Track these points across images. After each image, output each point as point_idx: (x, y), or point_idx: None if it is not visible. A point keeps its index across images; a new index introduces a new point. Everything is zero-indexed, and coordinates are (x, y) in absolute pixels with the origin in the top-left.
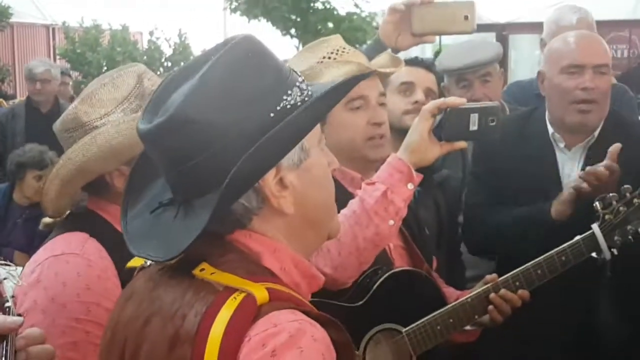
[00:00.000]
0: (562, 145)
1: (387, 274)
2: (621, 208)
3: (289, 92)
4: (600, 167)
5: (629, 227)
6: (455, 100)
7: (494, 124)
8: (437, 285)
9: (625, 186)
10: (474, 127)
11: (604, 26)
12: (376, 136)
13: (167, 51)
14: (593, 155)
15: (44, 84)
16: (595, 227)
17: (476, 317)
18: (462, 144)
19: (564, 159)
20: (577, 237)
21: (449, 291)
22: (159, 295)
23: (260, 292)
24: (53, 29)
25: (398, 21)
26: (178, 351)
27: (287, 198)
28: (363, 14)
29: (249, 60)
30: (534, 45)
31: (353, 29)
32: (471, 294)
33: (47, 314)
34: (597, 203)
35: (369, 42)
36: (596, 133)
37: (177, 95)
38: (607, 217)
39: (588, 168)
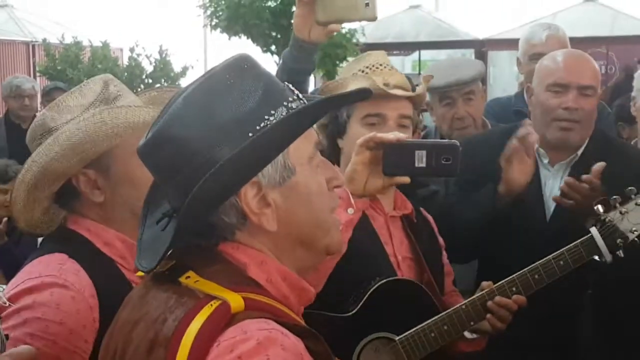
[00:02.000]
0: (545, 161)
1: (378, 284)
2: (623, 210)
3: (272, 111)
4: (579, 182)
5: (633, 228)
6: (386, 136)
7: (448, 162)
8: (430, 294)
9: (630, 188)
10: (420, 163)
11: (581, 42)
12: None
13: (148, 68)
14: (576, 173)
15: (31, 99)
16: (593, 230)
17: (472, 323)
18: (405, 179)
19: (547, 175)
20: (577, 242)
21: (455, 300)
22: (148, 301)
23: (235, 301)
24: (33, 46)
25: (307, 14)
26: (155, 354)
27: (268, 215)
28: (343, 31)
29: (233, 81)
30: (513, 61)
31: (333, 46)
32: (466, 301)
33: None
34: (598, 206)
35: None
36: (580, 151)
37: (167, 113)
38: (607, 219)
39: (567, 179)
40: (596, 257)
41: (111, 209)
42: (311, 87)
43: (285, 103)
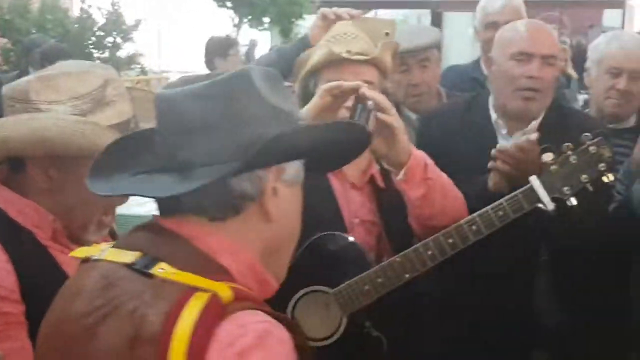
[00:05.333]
0: (504, 132)
1: (311, 239)
2: (572, 158)
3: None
4: (509, 147)
5: (583, 176)
6: (351, 84)
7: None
8: (364, 250)
9: (585, 134)
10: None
11: (535, 7)
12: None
13: (100, 20)
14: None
15: None
16: (533, 178)
17: (406, 275)
18: None
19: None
20: (516, 191)
21: None
22: (115, 295)
23: (225, 292)
24: None
25: (327, 27)
26: (139, 352)
27: (275, 204)
28: None
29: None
30: (469, 23)
31: (290, 3)
32: (400, 254)
33: None
34: (544, 155)
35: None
36: (537, 121)
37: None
38: (552, 168)
39: (498, 146)
40: (540, 206)
41: (50, 197)
42: (267, 45)
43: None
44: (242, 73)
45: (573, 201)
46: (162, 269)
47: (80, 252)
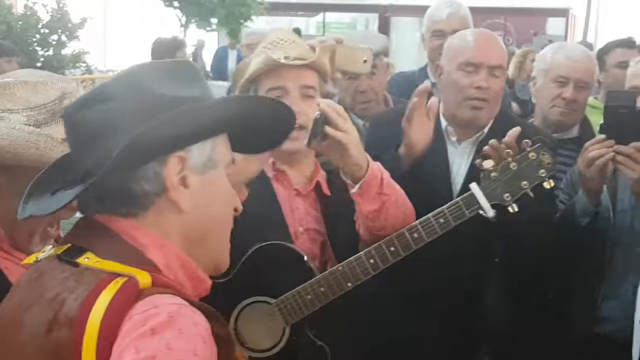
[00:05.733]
0: (453, 139)
1: (252, 249)
2: (512, 164)
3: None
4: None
5: (523, 182)
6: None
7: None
8: (307, 259)
9: (525, 140)
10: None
11: (480, 13)
12: None
13: (44, 17)
14: (482, 151)
15: None
16: (473, 185)
17: (349, 284)
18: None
19: (454, 153)
20: (458, 198)
21: None
22: (42, 284)
23: (143, 277)
24: None
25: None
26: (55, 334)
27: (185, 195)
28: None
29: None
30: (416, 28)
31: (237, 4)
32: (343, 263)
33: None
34: (481, 161)
35: None
36: (486, 129)
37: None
38: (492, 174)
39: (491, 141)
40: (481, 213)
41: None
42: (215, 46)
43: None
44: (128, 72)
45: (515, 207)
46: (87, 258)
47: (30, 258)
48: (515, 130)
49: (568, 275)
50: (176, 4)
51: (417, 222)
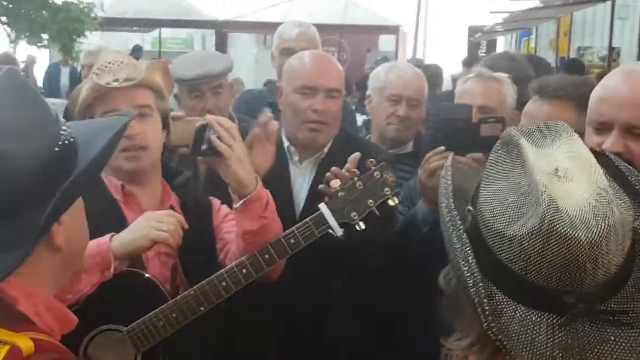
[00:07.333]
0: (296, 158)
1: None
2: (359, 184)
3: (63, 127)
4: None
5: (369, 201)
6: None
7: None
8: (159, 285)
9: (370, 160)
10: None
11: (317, 29)
12: (130, 148)
13: None
14: (323, 171)
15: None
16: (322, 206)
17: (202, 309)
18: None
19: (297, 172)
20: (308, 219)
21: None
22: None
23: (25, 343)
24: None
25: None
26: None
27: (60, 233)
28: (81, 5)
29: (24, 91)
30: (253, 44)
31: (71, 20)
32: (195, 287)
33: None
34: (332, 182)
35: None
36: (326, 149)
37: None
38: (340, 194)
39: (333, 168)
40: (331, 232)
41: None
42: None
43: (58, 118)
44: None
45: (362, 225)
46: None
47: None
48: (356, 156)
49: (413, 289)
50: (4, 19)
51: (269, 244)
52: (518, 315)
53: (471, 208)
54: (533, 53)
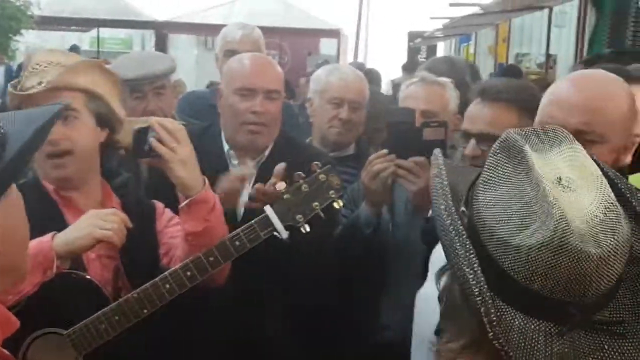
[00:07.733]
0: (235, 162)
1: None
2: (304, 187)
3: None
4: (267, 186)
5: (314, 203)
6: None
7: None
8: (100, 287)
9: (315, 162)
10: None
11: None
12: (54, 154)
13: None
14: (263, 173)
15: None
16: (268, 208)
17: (145, 311)
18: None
19: None
20: (252, 221)
21: None
22: None
23: None
24: None
25: None
26: None
27: None
28: (17, 3)
29: None
30: (193, 44)
31: (6, 18)
32: (138, 289)
33: None
34: (278, 184)
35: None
36: (266, 152)
37: None
38: (285, 196)
39: (257, 186)
40: (276, 234)
41: None
42: None
43: None
44: None
45: (307, 228)
46: None
47: None
48: (280, 166)
49: (351, 288)
50: None
51: (213, 246)
52: (516, 323)
53: (465, 210)
54: (472, 59)
